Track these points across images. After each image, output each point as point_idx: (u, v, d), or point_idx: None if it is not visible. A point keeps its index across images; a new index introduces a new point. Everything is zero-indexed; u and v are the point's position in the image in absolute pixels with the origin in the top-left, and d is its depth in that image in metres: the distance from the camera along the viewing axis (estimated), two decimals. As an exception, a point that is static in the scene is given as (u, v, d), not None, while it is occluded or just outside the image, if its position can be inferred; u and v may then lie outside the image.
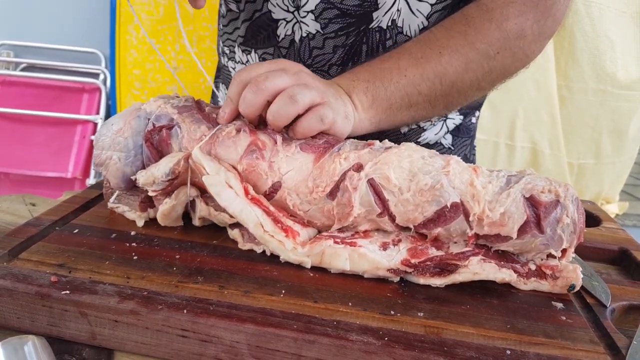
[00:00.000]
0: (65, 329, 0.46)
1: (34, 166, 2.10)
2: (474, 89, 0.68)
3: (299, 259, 0.54)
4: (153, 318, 0.44)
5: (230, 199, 0.55)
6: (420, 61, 0.65)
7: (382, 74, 0.64)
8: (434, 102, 0.67)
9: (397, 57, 0.66)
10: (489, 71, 0.67)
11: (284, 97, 0.55)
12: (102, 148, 0.60)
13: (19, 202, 0.74)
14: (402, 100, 0.65)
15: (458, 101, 0.70)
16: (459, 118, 0.84)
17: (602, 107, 1.92)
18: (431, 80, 0.65)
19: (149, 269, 0.51)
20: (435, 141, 0.84)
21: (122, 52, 2.11)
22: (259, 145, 0.57)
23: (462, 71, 0.65)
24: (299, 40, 0.74)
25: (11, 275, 0.47)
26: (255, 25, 0.77)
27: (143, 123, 0.60)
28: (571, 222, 0.51)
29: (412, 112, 0.67)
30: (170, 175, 0.56)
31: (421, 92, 0.65)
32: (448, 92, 0.66)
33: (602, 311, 0.51)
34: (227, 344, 0.44)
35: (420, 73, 0.65)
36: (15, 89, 2.16)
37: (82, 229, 0.58)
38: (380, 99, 0.64)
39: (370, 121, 0.65)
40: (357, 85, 0.64)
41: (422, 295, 0.51)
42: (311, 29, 0.72)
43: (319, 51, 0.74)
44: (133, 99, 2.11)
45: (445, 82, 0.65)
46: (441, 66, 0.65)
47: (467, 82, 0.67)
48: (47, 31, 2.21)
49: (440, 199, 0.52)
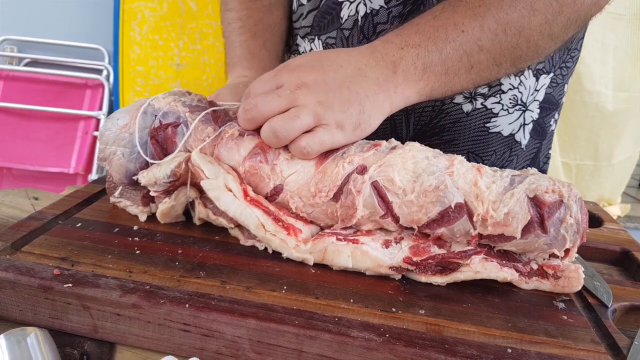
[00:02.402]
0: (67, 322, 0.46)
1: (36, 161, 2.10)
2: (545, 36, 0.59)
3: (301, 257, 0.54)
4: (155, 312, 0.44)
5: (229, 202, 0.55)
6: (478, 10, 0.57)
7: (436, 33, 0.57)
8: (499, 58, 0.59)
9: (452, 10, 0.58)
10: (559, 10, 0.57)
11: (268, 132, 0.54)
12: (106, 143, 0.60)
13: (22, 196, 0.74)
14: (461, 61, 0.58)
15: (528, 55, 0.60)
16: (537, 112, 0.78)
17: (597, 108, 1.92)
18: (493, 31, 0.57)
19: (151, 264, 0.51)
20: (511, 134, 0.78)
21: (125, 49, 2.11)
22: (264, 148, 0.56)
23: (529, 14, 0.57)
24: (361, 18, 0.72)
25: (14, 268, 0.47)
26: (320, 12, 0.76)
27: (150, 119, 0.60)
28: (574, 222, 0.51)
29: (473, 74, 0.59)
30: (172, 177, 0.56)
31: (483, 47, 0.57)
32: (515, 43, 0.58)
33: (603, 311, 0.51)
34: (229, 338, 0.44)
35: (479, 25, 0.56)
36: (18, 84, 2.16)
37: (84, 223, 0.58)
38: (432, 65, 0.57)
39: (418, 94, 0.59)
40: (406, 55, 0.57)
41: (424, 293, 0.51)
42: (374, 5, 0.71)
43: (382, 26, 0.71)
44: (136, 95, 2.11)
45: (510, 31, 0.57)
46: (503, 12, 0.56)
47: (536, 27, 0.58)
48: (51, 27, 2.21)
49: (444, 199, 0.52)
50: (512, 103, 0.76)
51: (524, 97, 0.77)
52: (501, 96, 0.75)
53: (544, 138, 0.84)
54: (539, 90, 0.78)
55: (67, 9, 2.20)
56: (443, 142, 0.77)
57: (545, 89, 0.79)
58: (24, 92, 2.15)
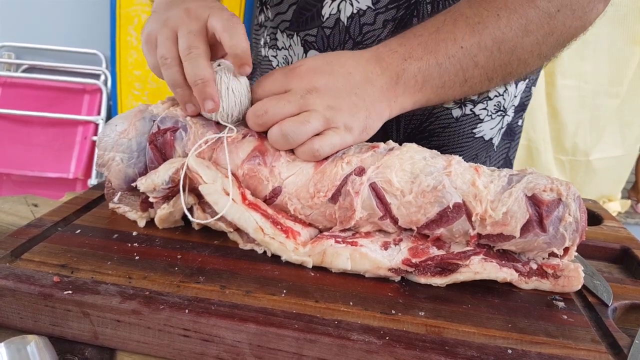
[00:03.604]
0: (67, 329, 0.47)
1: (35, 167, 2.10)
2: (534, 55, 0.63)
3: (300, 259, 0.54)
4: (155, 318, 0.44)
5: (228, 207, 0.55)
6: (477, 27, 0.60)
7: (437, 47, 0.60)
8: (491, 73, 0.63)
9: (453, 24, 0.61)
10: (550, 32, 0.61)
11: (277, 135, 0.56)
12: (104, 149, 0.60)
13: (21, 203, 0.74)
14: (457, 76, 0.61)
15: (517, 71, 0.64)
16: (512, 115, 0.81)
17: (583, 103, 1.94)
18: (489, 49, 0.60)
19: (150, 269, 0.51)
20: (490, 138, 0.81)
21: (122, 53, 2.11)
22: (262, 151, 0.56)
23: (522, 34, 0.60)
24: (347, 18, 0.72)
25: (14, 276, 0.47)
26: (299, 7, 0.76)
27: (148, 125, 0.60)
28: (573, 220, 0.51)
29: (466, 87, 0.63)
30: (170, 183, 0.56)
31: (478, 63, 0.61)
32: (507, 60, 0.62)
33: (603, 310, 0.51)
34: (229, 343, 0.44)
35: (477, 42, 0.60)
36: (16, 90, 2.16)
37: (84, 229, 0.58)
38: (432, 79, 0.60)
39: (413, 104, 0.62)
40: (409, 67, 0.59)
41: (423, 294, 0.51)
42: (362, 5, 0.71)
43: (369, 27, 0.71)
44: (134, 99, 2.11)
45: (504, 49, 0.61)
46: (499, 31, 0.60)
47: (528, 47, 0.61)
48: (48, 33, 2.21)
49: (443, 199, 0.52)
50: (496, 109, 0.79)
51: (506, 104, 0.80)
52: (487, 102, 0.77)
53: (512, 138, 0.87)
54: (517, 96, 0.81)
55: (64, 14, 2.20)
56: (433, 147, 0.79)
57: (521, 95, 0.82)
58: (22, 98, 2.15)
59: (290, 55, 0.81)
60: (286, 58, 0.82)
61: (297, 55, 0.79)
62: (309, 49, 0.77)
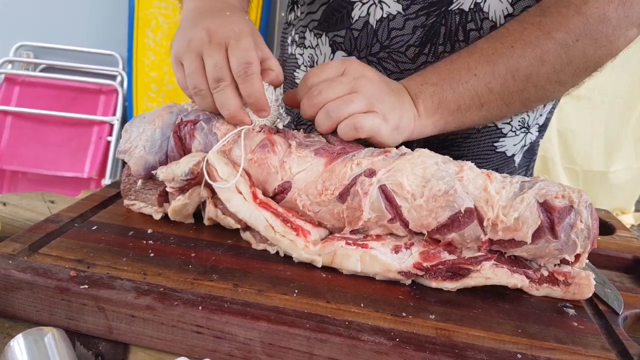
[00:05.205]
0: (82, 323, 0.47)
1: (51, 166, 2.13)
2: (552, 82, 0.64)
3: (310, 257, 0.54)
4: (169, 314, 0.45)
5: (239, 204, 0.56)
6: (491, 57, 0.63)
7: (451, 75, 0.64)
8: (508, 99, 0.65)
9: (468, 56, 0.64)
10: (568, 61, 0.63)
11: (322, 113, 0.59)
12: (129, 136, 0.62)
13: (38, 199, 0.75)
14: (472, 100, 0.64)
15: (536, 97, 0.66)
16: (535, 134, 0.83)
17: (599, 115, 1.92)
18: (502, 76, 0.63)
19: (165, 266, 0.52)
20: (512, 154, 0.82)
21: (139, 55, 2.14)
22: (272, 141, 0.58)
23: (537, 64, 0.62)
24: (377, 22, 0.74)
25: (31, 269, 0.48)
26: (330, 7, 0.77)
27: (174, 117, 0.62)
28: (585, 227, 0.51)
29: (484, 111, 0.65)
30: (189, 175, 0.57)
31: (492, 90, 0.63)
32: (523, 87, 0.64)
33: (614, 318, 0.51)
34: (241, 340, 0.45)
35: (491, 70, 0.63)
36: (34, 89, 2.20)
37: (100, 226, 0.59)
38: (447, 102, 0.63)
39: (434, 125, 0.65)
40: (425, 90, 0.63)
41: (434, 298, 0.51)
42: (392, 10, 0.72)
43: (398, 32, 0.73)
44: (149, 101, 2.14)
45: (518, 77, 0.63)
46: (513, 60, 0.62)
47: (544, 75, 0.63)
48: (66, 33, 2.25)
49: (454, 204, 0.52)
50: (520, 125, 0.80)
51: (530, 121, 0.81)
52: (512, 117, 0.78)
53: (532, 156, 0.88)
54: (543, 115, 0.83)
55: (82, 15, 2.24)
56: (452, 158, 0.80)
57: (546, 114, 0.84)
58: (39, 98, 2.18)
59: (316, 55, 0.82)
60: (312, 57, 0.83)
61: (324, 55, 0.81)
62: (336, 50, 0.79)
